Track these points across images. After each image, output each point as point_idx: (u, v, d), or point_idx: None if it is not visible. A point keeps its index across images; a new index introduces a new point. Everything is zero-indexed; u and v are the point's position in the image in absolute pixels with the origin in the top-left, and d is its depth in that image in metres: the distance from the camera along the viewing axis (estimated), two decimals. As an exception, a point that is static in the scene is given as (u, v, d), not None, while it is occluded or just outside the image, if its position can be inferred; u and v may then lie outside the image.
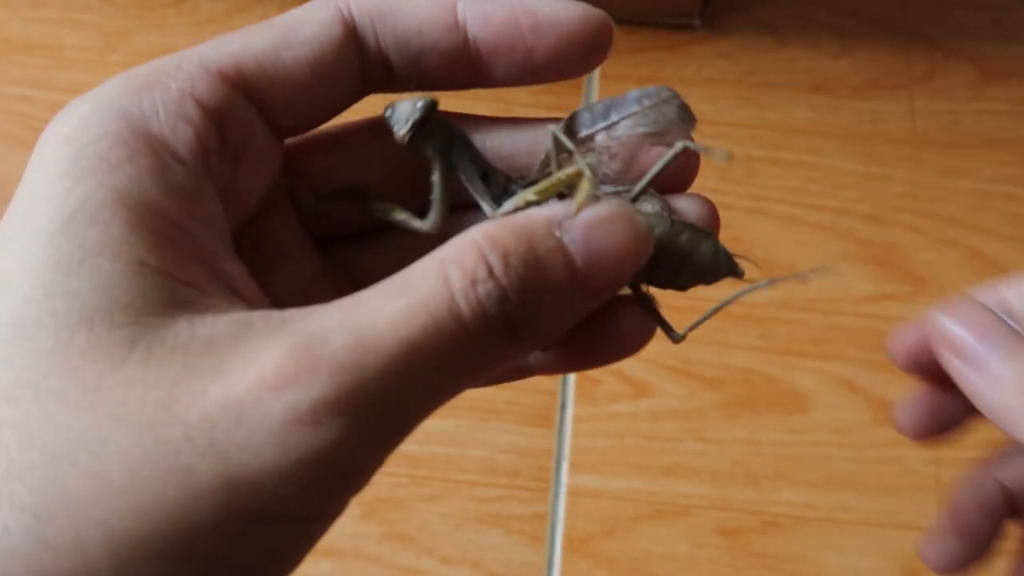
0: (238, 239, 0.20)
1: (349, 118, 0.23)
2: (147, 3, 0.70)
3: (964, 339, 0.24)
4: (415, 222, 0.22)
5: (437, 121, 0.21)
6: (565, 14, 0.21)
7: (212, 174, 0.19)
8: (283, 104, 0.20)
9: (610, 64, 0.21)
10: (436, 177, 0.22)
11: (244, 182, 0.20)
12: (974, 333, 0.24)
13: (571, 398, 0.56)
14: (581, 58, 0.21)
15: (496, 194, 0.22)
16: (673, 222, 0.21)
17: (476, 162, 0.22)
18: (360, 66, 0.21)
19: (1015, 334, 0.24)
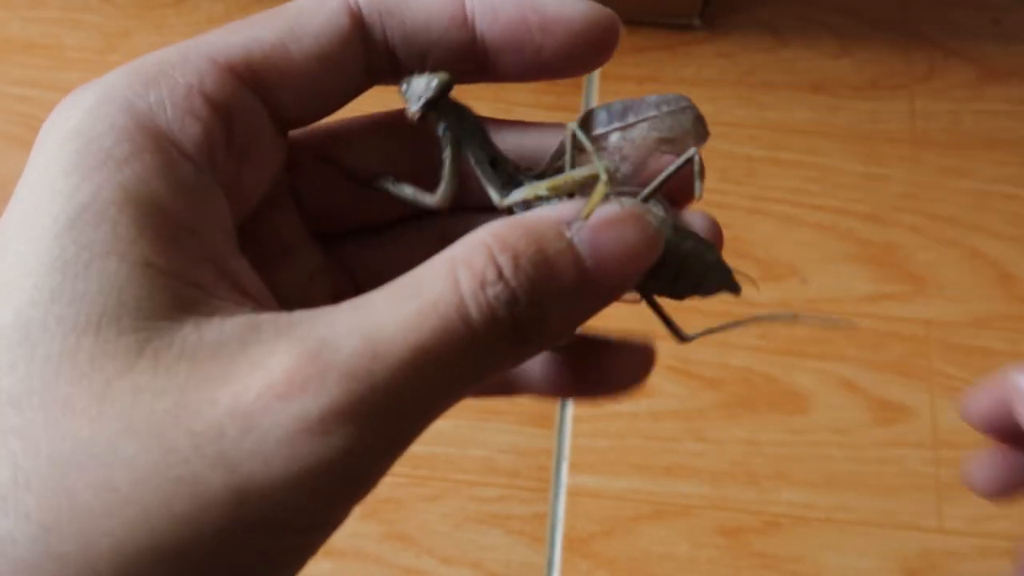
0: (240, 235, 0.20)
1: (350, 112, 0.23)
2: (147, 3, 0.70)
3: None
4: (424, 197, 0.21)
5: (450, 101, 0.21)
6: (573, 12, 0.20)
7: (218, 170, 0.19)
8: (289, 98, 0.20)
9: (610, 64, 0.21)
10: (447, 154, 0.21)
11: (249, 177, 0.20)
12: None
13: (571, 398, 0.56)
14: (588, 56, 0.21)
15: (503, 181, 0.22)
16: (677, 229, 0.21)
17: (486, 147, 0.22)
18: (366, 59, 0.21)
19: None
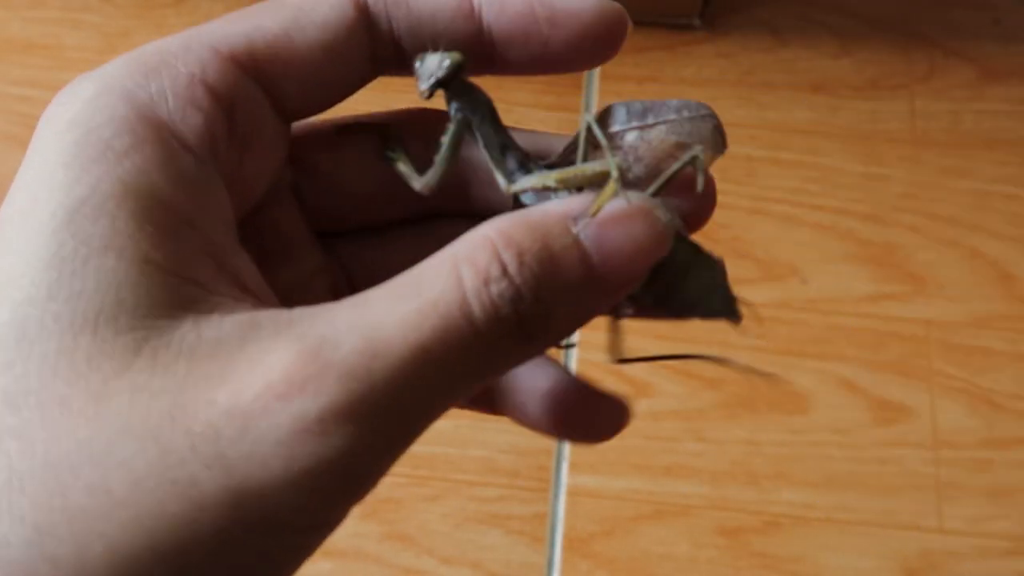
0: (242, 230, 0.20)
1: (353, 103, 0.22)
2: (147, 3, 0.70)
3: None
4: (413, 179, 0.21)
5: (462, 82, 0.21)
6: (582, 6, 0.20)
7: (220, 162, 0.19)
8: (293, 88, 0.20)
9: (610, 64, 0.21)
10: (446, 137, 0.21)
11: (251, 169, 0.20)
12: None
13: (571, 398, 0.56)
14: (596, 50, 0.21)
15: (512, 168, 0.21)
16: (683, 239, 0.20)
17: (497, 131, 0.21)
18: (371, 48, 0.20)
19: None
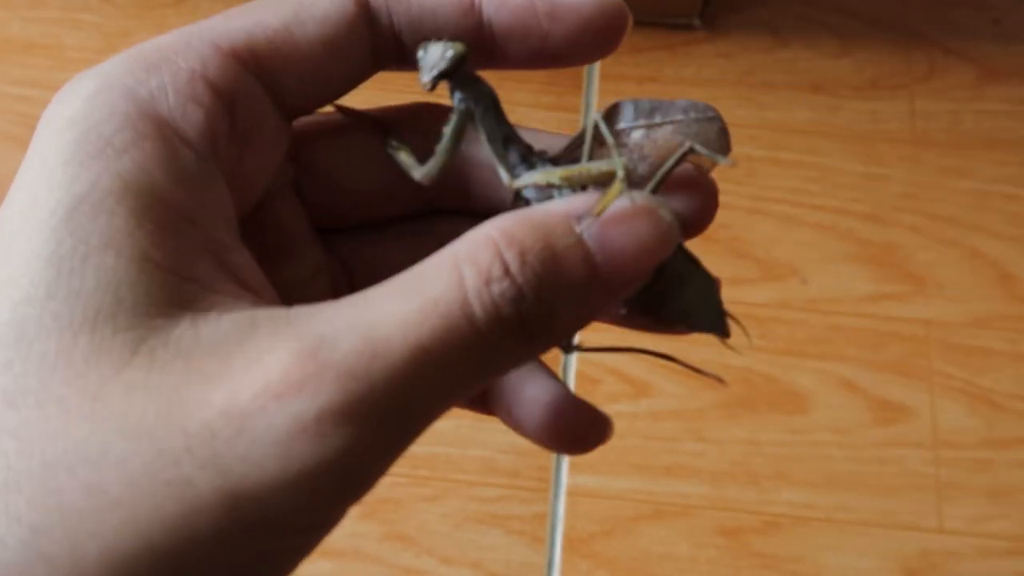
0: (244, 227, 0.20)
1: (353, 99, 0.22)
2: (147, 3, 0.70)
3: None
4: (414, 169, 0.21)
5: (466, 74, 0.21)
6: (583, 0, 0.20)
7: (220, 159, 0.19)
8: (293, 83, 0.20)
9: (610, 64, 0.21)
10: (448, 128, 0.21)
11: (252, 165, 0.20)
12: None
13: (571, 398, 0.56)
14: (596, 45, 0.21)
15: (515, 161, 0.21)
16: (681, 247, 0.20)
17: (501, 124, 0.21)
18: (371, 44, 0.20)
19: None
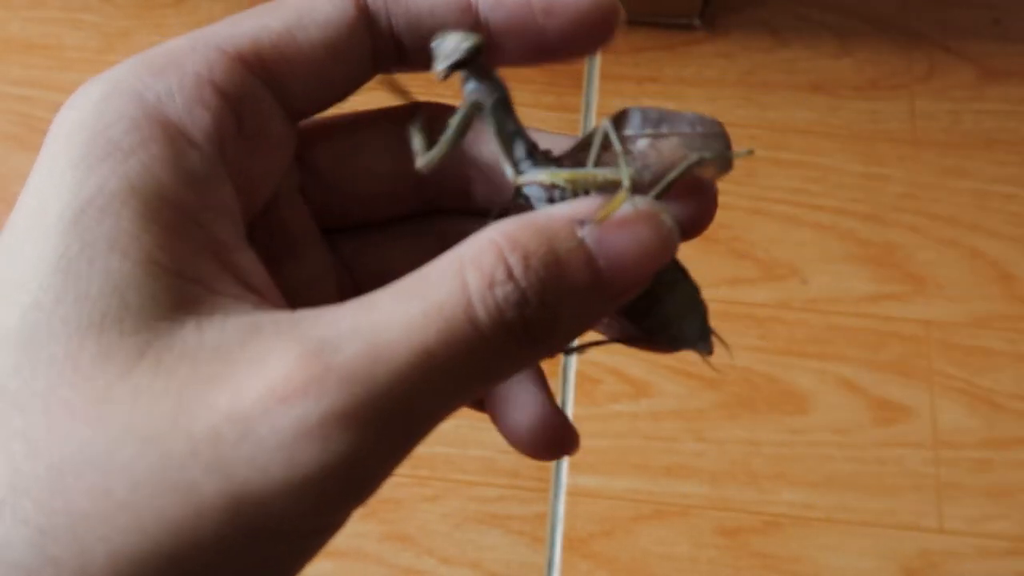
0: (251, 230, 0.20)
1: (355, 100, 0.23)
2: (147, 3, 0.70)
3: None
4: (419, 155, 0.21)
5: (480, 65, 0.21)
6: None
7: (228, 161, 0.19)
8: (298, 86, 0.20)
9: (610, 64, 0.21)
10: (455, 119, 0.21)
11: (259, 168, 0.20)
12: None
13: (571, 398, 0.56)
14: (591, 39, 0.21)
15: (520, 157, 0.21)
16: (676, 262, 0.20)
17: (510, 119, 0.21)
18: (372, 46, 0.21)
19: None
